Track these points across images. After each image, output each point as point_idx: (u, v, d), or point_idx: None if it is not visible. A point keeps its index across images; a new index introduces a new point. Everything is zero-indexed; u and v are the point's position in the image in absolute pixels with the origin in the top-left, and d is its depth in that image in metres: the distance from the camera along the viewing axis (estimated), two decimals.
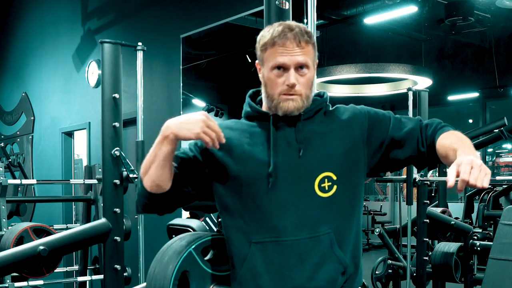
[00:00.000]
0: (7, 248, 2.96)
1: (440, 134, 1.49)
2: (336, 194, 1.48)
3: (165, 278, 1.49)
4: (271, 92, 1.49)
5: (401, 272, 4.19)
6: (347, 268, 1.49)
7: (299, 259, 1.45)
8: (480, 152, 9.36)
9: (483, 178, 1.28)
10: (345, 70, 6.53)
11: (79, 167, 6.50)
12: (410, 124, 1.55)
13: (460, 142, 1.43)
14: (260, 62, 1.52)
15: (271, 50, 1.47)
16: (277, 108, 1.48)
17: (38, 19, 7.01)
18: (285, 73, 1.47)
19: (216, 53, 4.90)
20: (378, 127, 1.54)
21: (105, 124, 2.85)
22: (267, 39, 1.48)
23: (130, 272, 3.46)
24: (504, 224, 2.85)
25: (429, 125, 1.54)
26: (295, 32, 1.46)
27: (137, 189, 1.53)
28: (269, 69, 1.48)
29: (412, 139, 1.53)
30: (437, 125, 1.53)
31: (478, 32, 7.15)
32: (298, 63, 1.46)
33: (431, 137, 1.51)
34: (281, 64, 1.46)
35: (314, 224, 1.46)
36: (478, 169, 1.29)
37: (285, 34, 1.46)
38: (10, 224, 3.80)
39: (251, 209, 1.48)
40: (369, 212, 9.57)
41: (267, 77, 1.49)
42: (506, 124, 4.39)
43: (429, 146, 1.51)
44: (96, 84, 5.38)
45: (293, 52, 1.46)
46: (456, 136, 1.48)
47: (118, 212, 2.85)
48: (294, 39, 1.46)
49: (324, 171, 1.48)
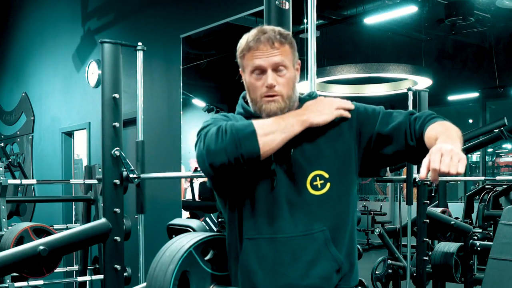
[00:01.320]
0: (7, 248, 2.96)
1: (429, 125, 1.45)
2: (330, 192, 1.49)
3: (165, 278, 1.49)
4: (254, 96, 1.52)
5: (401, 272, 4.19)
6: (342, 266, 1.49)
7: (293, 256, 1.46)
8: (480, 152, 9.39)
9: (456, 164, 1.22)
10: (345, 70, 6.53)
11: (79, 167, 6.50)
12: (399, 118, 1.53)
13: (444, 131, 1.38)
14: (242, 69, 1.56)
15: (248, 55, 1.50)
16: (261, 110, 1.51)
17: (38, 19, 7.01)
18: (263, 76, 1.49)
19: (216, 53, 4.90)
20: (367, 123, 1.55)
21: (105, 124, 2.85)
22: (243, 45, 1.52)
23: (130, 272, 3.46)
24: (504, 224, 2.85)
25: (418, 117, 1.51)
26: (268, 34, 1.49)
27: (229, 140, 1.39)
28: (248, 74, 1.52)
29: (399, 133, 1.50)
30: (426, 117, 1.49)
31: (478, 32, 7.14)
32: (275, 64, 1.48)
33: (419, 130, 1.48)
34: (257, 67, 1.49)
35: (308, 222, 1.47)
36: (448, 155, 1.23)
37: (258, 37, 1.49)
38: (10, 224, 3.80)
39: (247, 206, 1.50)
40: (369, 212, 9.56)
41: (248, 82, 1.53)
42: (506, 124, 4.39)
43: (418, 140, 1.48)
44: (96, 84, 5.38)
45: (267, 53, 1.48)
46: (442, 126, 1.43)
47: (118, 212, 2.85)
48: (267, 41, 1.49)
49: (316, 170, 1.49)
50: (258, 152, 1.40)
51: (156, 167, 3.85)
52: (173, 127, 4.38)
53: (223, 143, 1.39)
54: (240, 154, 1.39)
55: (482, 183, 5.57)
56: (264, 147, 1.40)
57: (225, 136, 1.40)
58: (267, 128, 1.42)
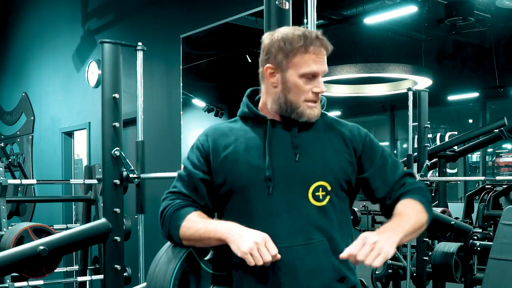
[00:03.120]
0: (7, 248, 2.96)
1: (404, 199, 1.51)
2: (329, 204, 1.48)
3: (165, 278, 1.49)
4: (295, 98, 1.48)
5: (401, 272, 4.19)
6: (343, 275, 1.48)
7: (293, 265, 1.45)
8: (480, 152, 9.38)
9: (373, 257, 1.31)
10: (345, 70, 6.53)
11: (79, 167, 6.50)
12: (393, 175, 1.55)
13: (401, 217, 1.45)
14: (279, 66, 1.49)
15: (303, 56, 1.46)
16: (302, 115, 1.49)
17: (38, 19, 7.01)
18: (312, 81, 1.48)
19: (216, 53, 4.90)
20: (368, 156, 1.55)
21: (105, 124, 2.85)
22: (298, 45, 1.46)
23: (130, 272, 3.46)
24: (504, 224, 2.85)
25: (406, 184, 1.55)
26: (324, 41, 1.49)
27: (166, 223, 1.53)
28: (297, 75, 1.47)
29: (384, 190, 1.55)
30: (410, 189, 1.53)
31: (478, 32, 7.15)
32: (324, 72, 1.49)
33: (397, 197, 1.53)
34: (313, 72, 1.47)
35: (308, 232, 1.46)
36: (369, 247, 1.32)
37: (320, 42, 1.47)
38: (10, 224, 3.80)
39: (245, 215, 1.48)
40: (369, 212, 9.56)
41: (293, 83, 1.47)
42: (506, 124, 4.39)
43: (393, 201, 1.53)
44: (96, 84, 5.38)
45: (322, 60, 1.48)
46: (410, 208, 1.48)
47: (118, 212, 2.85)
48: (325, 48, 1.49)
49: (319, 180, 1.48)
50: (180, 241, 1.50)
51: (156, 167, 3.84)
52: (173, 127, 4.38)
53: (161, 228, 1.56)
54: (170, 236, 1.53)
55: (482, 183, 5.58)
56: (184, 242, 1.50)
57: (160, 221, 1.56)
58: (190, 229, 1.48)
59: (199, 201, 1.54)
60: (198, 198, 1.54)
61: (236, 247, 1.38)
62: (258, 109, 1.56)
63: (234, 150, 1.51)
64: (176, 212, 1.52)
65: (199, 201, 1.54)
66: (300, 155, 1.48)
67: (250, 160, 1.49)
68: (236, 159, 1.50)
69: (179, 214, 1.51)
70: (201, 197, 1.54)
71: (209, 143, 1.55)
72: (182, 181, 1.57)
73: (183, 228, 1.48)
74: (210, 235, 1.44)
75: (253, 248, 1.35)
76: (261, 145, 1.50)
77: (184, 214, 1.51)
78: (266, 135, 1.50)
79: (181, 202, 1.54)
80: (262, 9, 2.03)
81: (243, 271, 1.48)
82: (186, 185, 1.55)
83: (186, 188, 1.55)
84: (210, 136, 1.57)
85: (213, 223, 1.46)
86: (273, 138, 1.50)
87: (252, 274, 1.46)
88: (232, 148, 1.52)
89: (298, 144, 1.49)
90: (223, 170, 1.51)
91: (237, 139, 1.53)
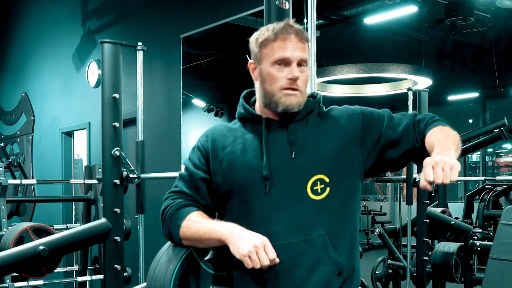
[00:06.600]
0: (7, 248, 2.96)
1: (429, 130, 1.48)
2: (329, 196, 1.47)
3: (165, 278, 1.49)
4: (271, 87, 1.48)
5: (401, 272, 4.19)
6: (343, 270, 1.48)
7: (293, 262, 1.45)
8: (480, 152, 9.38)
9: (448, 174, 1.28)
10: (345, 70, 6.53)
11: (79, 167, 6.50)
12: (405, 121, 1.53)
13: (440, 140, 1.41)
14: (257, 60, 1.52)
15: (272, 45, 1.47)
16: (278, 103, 1.48)
17: (38, 19, 7.01)
18: (286, 68, 1.47)
19: (216, 53, 4.89)
20: (372, 127, 1.53)
21: (105, 124, 2.85)
22: (268, 35, 1.48)
23: (130, 272, 3.46)
24: (504, 224, 2.85)
25: (421, 120, 1.52)
26: (297, 28, 1.48)
27: (167, 222, 1.54)
28: (269, 64, 1.48)
29: (407, 137, 1.51)
30: (428, 120, 1.51)
31: (478, 32, 7.14)
32: (300, 59, 1.47)
33: (422, 133, 1.50)
34: (284, 58, 1.46)
35: (307, 227, 1.46)
36: (439, 167, 1.28)
37: (287, 29, 1.47)
38: (10, 224, 3.80)
39: (244, 215, 1.49)
40: (369, 212, 9.58)
41: (267, 73, 1.48)
42: (506, 124, 4.39)
43: (422, 141, 1.50)
44: (96, 84, 5.38)
45: (296, 46, 1.46)
46: (441, 132, 1.45)
47: (118, 212, 2.85)
48: (296, 34, 1.47)
49: (317, 174, 1.47)
50: (180, 240, 1.51)
51: (156, 167, 3.85)
52: (173, 127, 4.38)
53: (162, 227, 1.57)
54: (171, 236, 1.54)
55: (482, 183, 5.58)
56: (184, 242, 1.51)
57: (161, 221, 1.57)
58: (191, 229, 1.49)
59: (201, 200, 1.55)
60: (199, 197, 1.55)
61: (235, 249, 1.38)
62: (255, 109, 1.57)
63: (232, 151, 1.52)
64: (177, 211, 1.52)
65: (200, 201, 1.55)
66: (296, 152, 1.48)
67: (248, 161, 1.50)
68: (234, 160, 1.51)
69: (180, 214, 1.51)
70: (203, 196, 1.55)
71: (209, 144, 1.56)
72: (183, 180, 1.57)
73: (184, 228, 1.49)
74: (210, 236, 1.44)
75: (252, 251, 1.35)
76: (258, 145, 1.51)
77: (185, 214, 1.51)
78: (263, 135, 1.50)
79: (182, 201, 1.54)
80: (262, 9, 2.03)
81: (243, 271, 1.48)
82: (187, 185, 1.56)
83: (187, 187, 1.56)
84: (210, 137, 1.58)
85: (213, 224, 1.47)
86: (270, 137, 1.51)
87: (252, 273, 1.46)
88: (230, 149, 1.53)
89: (295, 141, 1.49)
90: (221, 171, 1.52)
91: (235, 140, 1.54)
